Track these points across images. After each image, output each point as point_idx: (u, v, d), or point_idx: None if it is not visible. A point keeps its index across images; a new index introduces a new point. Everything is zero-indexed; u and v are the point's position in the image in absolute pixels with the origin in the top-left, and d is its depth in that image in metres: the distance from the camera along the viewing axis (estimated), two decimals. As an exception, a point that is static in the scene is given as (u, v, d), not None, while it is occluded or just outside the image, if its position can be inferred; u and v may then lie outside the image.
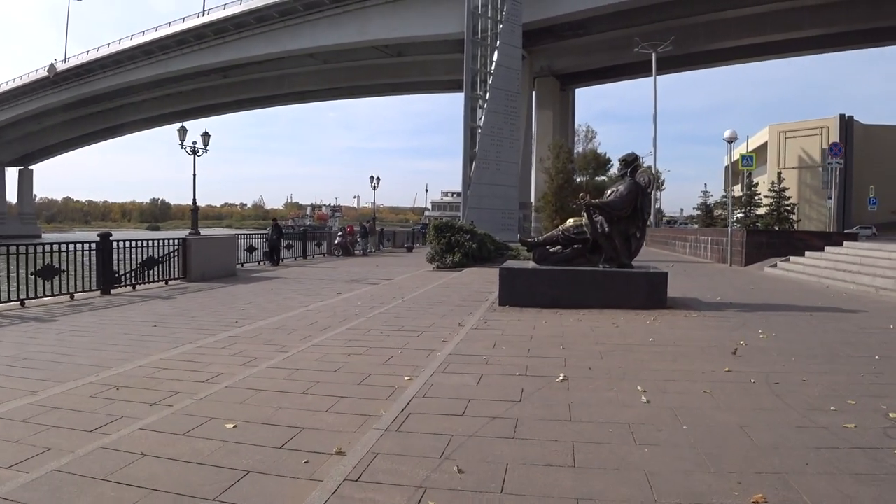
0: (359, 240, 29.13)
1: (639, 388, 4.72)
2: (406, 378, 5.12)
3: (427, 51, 57.40)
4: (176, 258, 14.85)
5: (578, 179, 46.06)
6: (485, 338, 6.76)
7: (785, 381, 4.91)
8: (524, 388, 4.72)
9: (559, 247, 9.57)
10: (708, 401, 4.42)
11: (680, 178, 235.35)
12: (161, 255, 14.37)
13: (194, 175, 20.66)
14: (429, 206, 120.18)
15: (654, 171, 9.38)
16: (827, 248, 16.88)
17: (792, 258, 17.46)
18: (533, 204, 56.82)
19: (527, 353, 5.97)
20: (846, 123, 59.83)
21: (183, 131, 20.62)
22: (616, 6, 47.23)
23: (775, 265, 17.50)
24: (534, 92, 58.97)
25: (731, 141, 20.89)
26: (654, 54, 40.38)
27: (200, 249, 15.60)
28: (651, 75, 54.82)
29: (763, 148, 60.39)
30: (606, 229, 9.19)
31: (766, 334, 6.95)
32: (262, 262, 20.42)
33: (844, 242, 17.06)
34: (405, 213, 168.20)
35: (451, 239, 19.08)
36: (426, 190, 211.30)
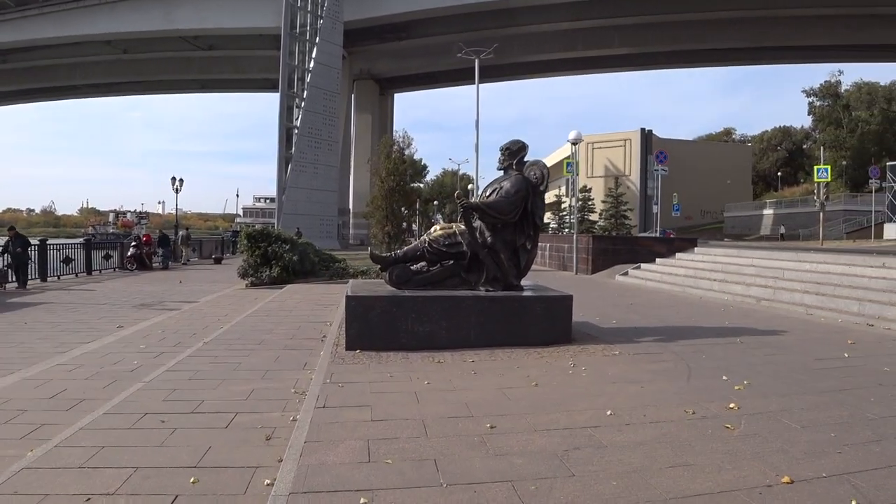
0: (158, 250, 24.35)
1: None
2: None
3: (241, 45, 52.28)
4: None
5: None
6: (345, 430, 3.81)
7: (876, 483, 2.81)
8: None
9: (423, 263, 7.07)
10: None
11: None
12: None
13: None
14: (240, 212, 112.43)
15: (545, 165, 7.21)
16: (678, 255, 16.37)
17: (643, 265, 16.68)
18: (351, 210, 54.27)
19: (436, 474, 3.13)
20: (646, 136, 65.30)
21: None
22: (437, 11, 46.45)
23: (626, 273, 16.60)
24: (353, 95, 56.48)
25: (575, 143, 20.02)
26: (477, 60, 39.91)
27: None
28: (470, 83, 54.81)
29: (565, 159, 63.59)
30: (489, 240, 6.86)
31: (734, 381, 4.94)
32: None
33: (696, 248, 16.68)
34: (215, 219, 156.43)
35: (267, 250, 15.78)
36: (237, 195, 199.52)
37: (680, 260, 15.99)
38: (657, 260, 16.70)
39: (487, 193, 7.12)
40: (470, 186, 44.66)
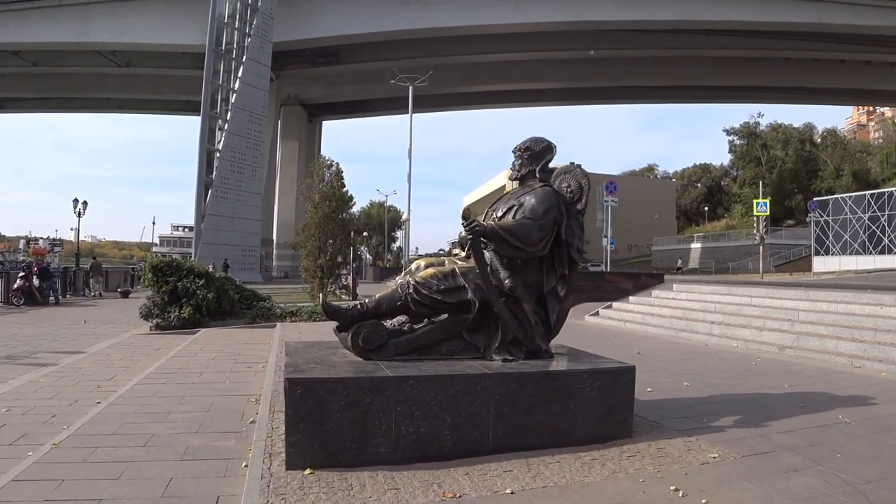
0: (42, 284, 20.67)
1: None
2: None
3: (162, 63, 48.31)
4: None
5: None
6: None
7: None
8: None
9: (402, 318, 4.71)
10: None
11: (422, 219, 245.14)
12: None
13: None
14: (157, 240, 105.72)
15: (584, 173, 5.12)
16: (655, 293, 14.56)
17: (615, 304, 14.72)
18: (275, 241, 51.07)
19: None
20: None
21: None
22: (371, 36, 44.60)
23: (597, 313, 14.57)
24: (279, 121, 53.54)
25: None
26: (411, 87, 38.25)
27: None
28: (402, 112, 53.09)
29: (501, 191, 62.65)
30: (507, 283, 4.59)
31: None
32: None
33: (674, 286, 14.93)
34: (131, 248, 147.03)
35: (177, 285, 12.95)
36: (153, 223, 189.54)
37: (658, 298, 14.19)
38: (630, 298, 14.86)
39: (499, 214, 4.85)
40: (405, 217, 42.49)
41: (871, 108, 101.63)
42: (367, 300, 4.55)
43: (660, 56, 52.05)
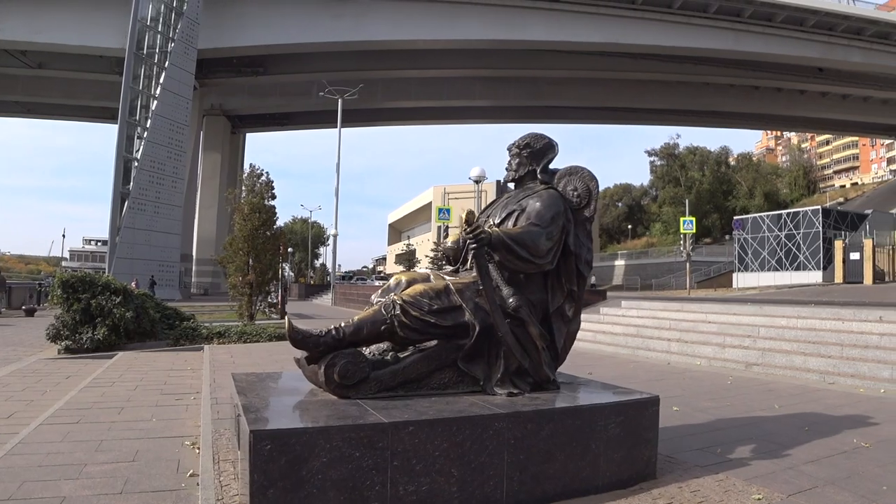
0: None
1: None
2: None
3: (76, 66, 44.89)
4: None
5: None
6: None
7: None
8: None
9: (384, 345, 3.91)
10: None
11: (346, 236, 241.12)
12: None
13: None
14: (67, 255, 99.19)
15: (591, 175, 4.58)
16: (603, 310, 14.25)
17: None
18: (195, 257, 48.66)
19: None
20: (502, 188, 65.79)
21: None
22: (300, 47, 43.33)
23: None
24: (202, 132, 51.18)
25: (478, 181, 17.68)
26: (340, 100, 37.35)
27: None
28: (328, 126, 52.03)
29: (427, 207, 62.46)
30: (510, 302, 3.88)
31: None
32: None
33: (623, 302, 14.66)
34: (38, 262, 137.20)
35: (90, 303, 11.52)
36: (63, 236, 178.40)
37: (608, 316, 13.88)
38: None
39: (497, 220, 4.14)
40: (332, 232, 41.19)
41: (778, 133, 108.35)
42: (342, 323, 3.70)
43: (586, 77, 53.21)
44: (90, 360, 10.22)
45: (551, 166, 4.41)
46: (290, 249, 63.39)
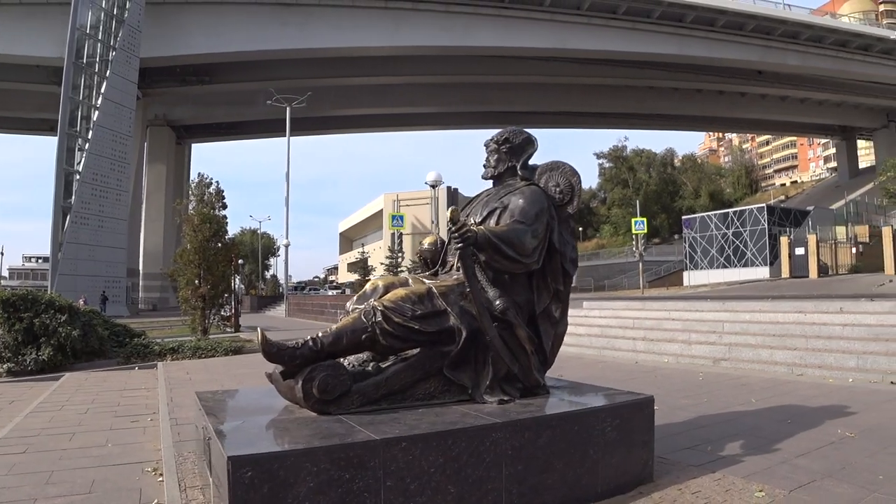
0: None
1: None
2: None
3: (13, 76, 42.69)
4: None
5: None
6: None
7: None
8: None
9: (365, 355, 3.65)
10: None
11: (296, 246, 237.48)
12: None
13: None
14: (6, 273, 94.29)
15: (573, 171, 4.41)
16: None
17: (530, 327, 14.31)
18: (142, 271, 47.12)
19: None
20: (453, 194, 65.85)
21: None
22: (245, 55, 42.52)
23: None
24: (146, 143, 49.62)
25: (434, 185, 17.46)
26: (288, 108, 36.64)
27: None
28: (276, 135, 50.95)
29: (378, 215, 62.03)
30: (497, 304, 3.68)
31: None
32: None
33: (584, 303, 14.64)
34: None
35: (33, 322, 10.87)
36: (0, 254, 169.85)
37: (570, 317, 13.72)
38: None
39: (478, 219, 3.94)
40: (284, 242, 40.31)
41: (721, 135, 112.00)
42: (319, 333, 3.43)
43: (534, 83, 53.79)
44: (35, 383, 9.66)
45: (531, 162, 4.23)
46: (241, 261, 61.97)
